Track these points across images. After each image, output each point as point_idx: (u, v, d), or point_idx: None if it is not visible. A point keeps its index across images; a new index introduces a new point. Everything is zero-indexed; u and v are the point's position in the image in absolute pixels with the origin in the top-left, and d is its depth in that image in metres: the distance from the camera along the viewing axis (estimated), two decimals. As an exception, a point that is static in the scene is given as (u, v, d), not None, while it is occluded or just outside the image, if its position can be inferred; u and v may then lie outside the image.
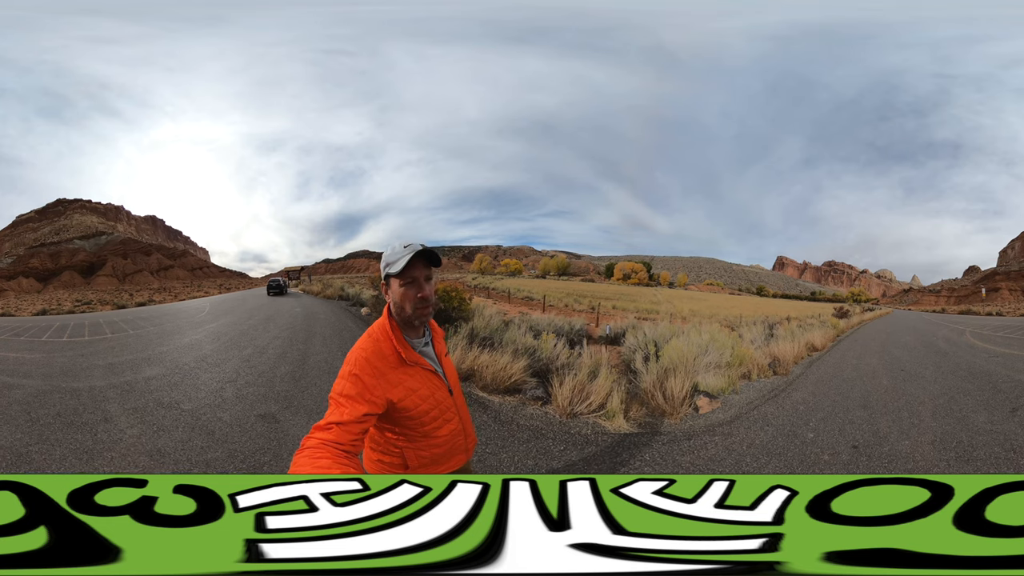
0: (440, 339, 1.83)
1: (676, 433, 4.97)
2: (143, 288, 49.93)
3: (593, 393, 5.40)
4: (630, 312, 19.41)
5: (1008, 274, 45.34)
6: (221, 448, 4.54)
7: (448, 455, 1.72)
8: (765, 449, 4.60)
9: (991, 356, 10.75)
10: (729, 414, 5.69)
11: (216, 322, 16.12)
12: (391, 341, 1.58)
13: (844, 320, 21.71)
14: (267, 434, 4.91)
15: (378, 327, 1.62)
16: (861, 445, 4.70)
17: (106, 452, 4.48)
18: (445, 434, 1.69)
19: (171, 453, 4.43)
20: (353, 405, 1.44)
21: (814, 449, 4.61)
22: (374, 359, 1.54)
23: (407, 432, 1.62)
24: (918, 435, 4.99)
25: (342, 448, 1.33)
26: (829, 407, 6.08)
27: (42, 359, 9.57)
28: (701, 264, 54.35)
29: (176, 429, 5.05)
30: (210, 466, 4.18)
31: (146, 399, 6.22)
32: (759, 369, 7.85)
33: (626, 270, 43.86)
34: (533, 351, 7.28)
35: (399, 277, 1.56)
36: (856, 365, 9.50)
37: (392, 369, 1.55)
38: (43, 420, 5.40)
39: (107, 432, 4.98)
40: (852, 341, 14.41)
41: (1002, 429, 5.17)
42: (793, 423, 5.38)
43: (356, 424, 1.40)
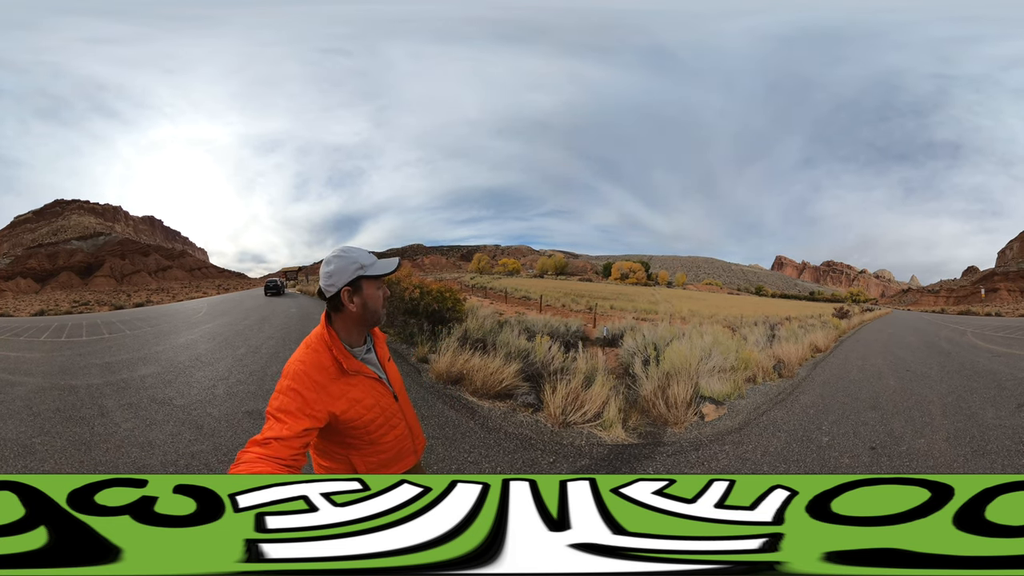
0: (382, 343, 1.75)
1: (682, 443, 4.70)
2: (141, 289, 49.85)
3: (588, 401, 5.08)
4: (628, 312, 19.37)
5: (1007, 275, 45.42)
6: (208, 441, 4.71)
7: (395, 459, 1.69)
8: (781, 456, 4.43)
9: (994, 356, 10.86)
10: (737, 421, 5.42)
11: (212, 322, 16.19)
12: (330, 351, 1.51)
13: (845, 320, 21.72)
14: (253, 430, 4.99)
15: (316, 337, 1.53)
16: (879, 446, 4.71)
17: (102, 444, 4.70)
18: (391, 440, 1.65)
19: (160, 445, 4.61)
20: (293, 420, 1.36)
21: (832, 453, 4.55)
22: (314, 372, 1.46)
23: (353, 441, 1.57)
24: (932, 433, 5.07)
25: (283, 463, 1.27)
26: (839, 409, 6.06)
27: (42, 358, 9.78)
28: (700, 264, 54.37)
29: (167, 423, 5.23)
30: (195, 458, 4.34)
31: (140, 395, 6.41)
32: (764, 372, 7.67)
33: (624, 270, 43.87)
34: (527, 354, 7.13)
35: (375, 279, 1.54)
36: (861, 366, 9.49)
37: (333, 381, 1.48)
38: (44, 415, 5.63)
39: (103, 426, 5.20)
40: (854, 342, 14.40)
41: (1010, 424, 5.35)
42: (805, 427, 5.28)
43: (296, 439, 1.34)
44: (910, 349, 12.49)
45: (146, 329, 15.10)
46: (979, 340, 14.43)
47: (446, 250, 56.63)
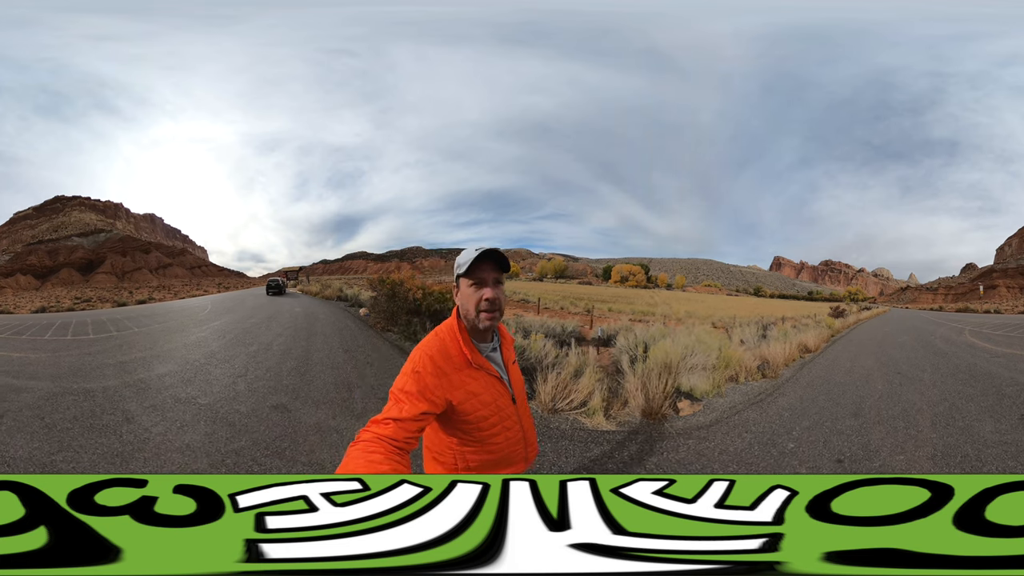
0: (509, 346, 1.76)
1: (652, 434, 4.95)
2: (142, 286, 49.86)
3: (576, 391, 5.57)
4: (625, 314, 19.46)
5: (1005, 271, 45.47)
6: (245, 438, 4.73)
7: (505, 461, 1.66)
8: (737, 458, 4.39)
9: (992, 357, 10.36)
10: (710, 418, 5.57)
11: (219, 320, 16.28)
12: (457, 342, 1.55)
13: (840, 320, 21.74)
14: (283, 423, 5.17)
15: (445, 327, 1.59)
16: (847, 459, 4.33)
17: (137, 454, 4.33)
18: (501, 441, 1.63)
19: (200, 447, 4.48)
20: (413, 402, 1.42)
21: (791, 461, 4.30)
22: (438, 358, 1.50)
23: (462, 436, 1.58)
24: (915, 448, 4.53)
25: (395, 444, 1.31)
26: (816, 414, 5.75)
27: (48, 359, 9.21)
28: (699, 266, 54.42)
29: (198, 423, 5.12)
30: (240, 455, 4.30)
31: (163, 396, 6.21)
32: (747, 371, 7.74)
33: (624, 272, 43.91)
34: (522, 351, 7.37)
35: (466, 277, 1.55)
36: (849, 368, 9.16)
37: (455, 370, 1.52)
38: (60, 425, 5.07)
39: (132, 433, 4.85)
40: (847, 341, 14.31)
41: (1012, 439, 4.71)
42: (774, 431, 5.13)
43: (413, 422, 1.39)
44: (903, 349, 12.24)
45: (154, 326, 15.09)
46: (977, 339, 14.22)
47: (445, 253, 56.67)
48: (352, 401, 6.14)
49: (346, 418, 5.37)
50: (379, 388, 6.86)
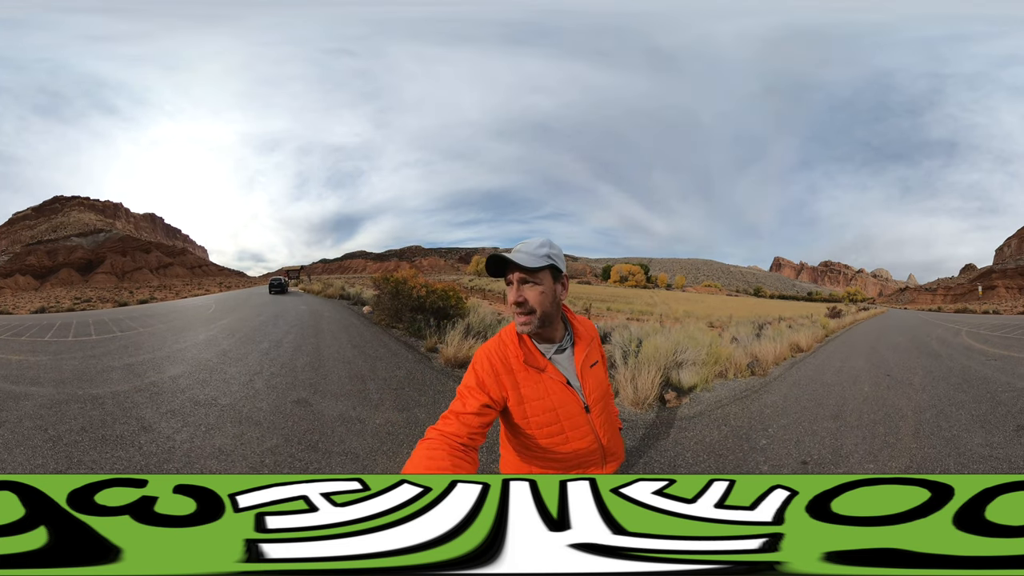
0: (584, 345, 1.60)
1: (636, 422, 5.21)
2: (143, 285, 49.78)
3: None
4: (623, 314, 19.49)
5: (1005, 271, 45.49)
6: (276, 436, 4.67)
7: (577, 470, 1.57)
8: (710, 449, 4.50)
9: (988, 359, 9.97)
10: (694, 410, 5.76)
11: (226, 318, 16.36)
12: (514, 342, 1.52)
13: (836, 320, 21.77)
14: (308, 417, 5.19)
15: (506, 328, 1.58)
16: (812, 463, 4.19)
17: (164, 465, 3.95)
18: (569, 452, 1.52)
19: (233, 450, 4.27)
20: (473, 395, 1.43)
21: (757, 458, 4.30)
22: (494, 358, 1.50)
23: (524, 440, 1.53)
24: (889, 459, 4.24)
25: (459, 441, 1.32)
26: (797, 413, 5.69)
27: (49, 362, 8.71)
28: (699, 266, 54.41)
29: (224, 425, 4.92)
30: (275, 453, 4.25)
31: (180, 399, 5.84)
32: (737, 368, 7.90)
33: (623, 272, 43.91)
34: None
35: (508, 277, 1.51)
36: (839, 368, 9.01)
37: (508, 371, 1.48)
38: (67, 438, 4.56)
39: (152, 443, 4.42)
40: (841, 342, 14.24)
41: (1005, 454, 4.20)
42: (752, 426, 5.17)
43: (475, 416, 1.38)
44: (897, 350, 12.08)
45: (159, 326, 15.02)
46: (973, 340, 14.04)
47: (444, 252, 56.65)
48: (368, 392, 6.17)
49: (365, 408, 5.40)
50: (391, 380, 6.96)
